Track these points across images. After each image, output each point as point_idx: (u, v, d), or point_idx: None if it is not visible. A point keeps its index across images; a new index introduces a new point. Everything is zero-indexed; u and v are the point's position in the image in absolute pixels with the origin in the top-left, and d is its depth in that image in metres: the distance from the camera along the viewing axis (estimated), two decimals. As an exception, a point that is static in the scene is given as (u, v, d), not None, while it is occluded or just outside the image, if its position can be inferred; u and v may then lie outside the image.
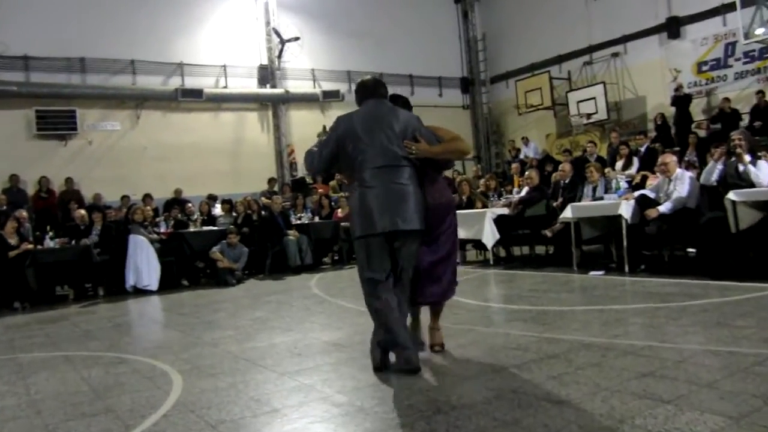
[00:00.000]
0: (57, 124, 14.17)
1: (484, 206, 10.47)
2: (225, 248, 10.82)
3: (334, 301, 7.69)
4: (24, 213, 10.97)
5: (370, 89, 4.48)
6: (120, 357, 5.49)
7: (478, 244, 10.34)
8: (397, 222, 4.21)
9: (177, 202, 14.38)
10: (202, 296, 9.45)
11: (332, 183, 15.83)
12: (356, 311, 6.66)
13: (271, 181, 15.84)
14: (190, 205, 12.99)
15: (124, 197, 14.16)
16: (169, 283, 10.63)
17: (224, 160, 16.30)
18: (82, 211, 11.43)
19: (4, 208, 12.67)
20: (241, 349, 5.33)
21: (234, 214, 12.47)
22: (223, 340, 5.79)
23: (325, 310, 7.10)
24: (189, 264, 11.13)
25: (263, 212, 12.60)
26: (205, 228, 11.77)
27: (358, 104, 4.50)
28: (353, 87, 5.59)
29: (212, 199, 14.20)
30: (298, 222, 12.43)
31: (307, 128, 16.84)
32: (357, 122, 4.34)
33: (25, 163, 13.99)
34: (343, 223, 11.94)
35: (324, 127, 4.96)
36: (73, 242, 10.50)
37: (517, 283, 7.91)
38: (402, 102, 4.68)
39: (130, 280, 10.32)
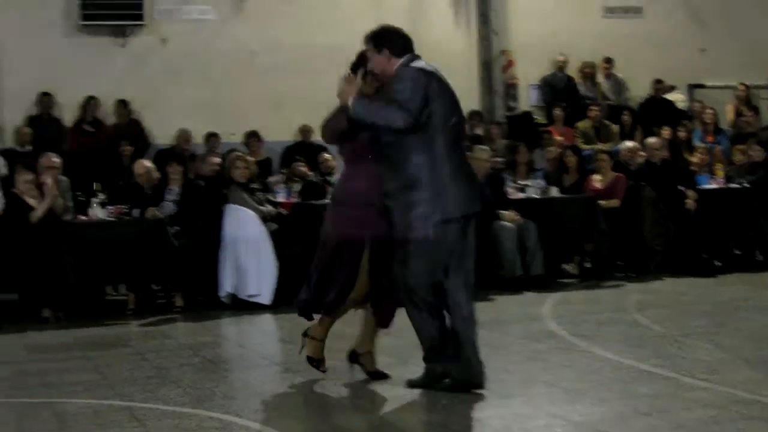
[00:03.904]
0: (113, 10, 15.17)
1: None
2: (388, 237, 11.07)
3: (587, 347, 7.72)
4: (55, 159, 11.65)
5: (410, 42, 6.53)
6: (216, 418, 5.82)
7: None
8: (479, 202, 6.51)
9: (306, 149, 14.90)
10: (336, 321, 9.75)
11: (581, 124, 15.80)
12: (632, 369, 6.69)
13: (473, 117, 15.99)
14: (328, 156, 13.39)
15: (212, 137, 14.92)
16: (290, 294, 10.99)
17: (388, 79, 16.60)
18: (147, 162, 12.13)
19: (29, 148, 13.81)
20: (423, 424, 5.58)
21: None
22: (384, 404, 6.08)
23: (570, 362, 7.16)
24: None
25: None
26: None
27: (394, 54, 6.43)
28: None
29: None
30: (520, 196, 12.50)
31: (541, 21, 16.89)
32: (443, 80, 6.41)
33: (62, 74, 15.09)
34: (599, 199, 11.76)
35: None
36: (136, 213, 11.23)
37: None
38: None
39: (227, 285, 10.90)
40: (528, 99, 17.48)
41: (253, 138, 15.02)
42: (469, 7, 17.37)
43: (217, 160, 12.49)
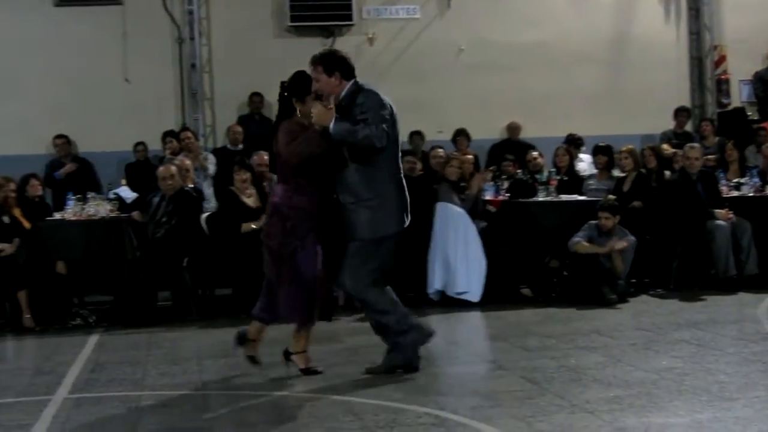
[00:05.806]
0: (322, 11, 15.56)
1: None
2: (595, 235, 11.01)
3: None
4: (266, 157, 11.93)
5: (354, 68, 7.16)
6: (431, 414, 5.92)
7: None
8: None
9: (513, 146, 14.93)
10: (547, 320, 9.83)
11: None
12: None
13: (681, 113, 15.78)
14: (535, 154, 13.36)
15: (415, 135, 15.08)
16: (499, 292, 11.12)
17: (596, 75, 16.50)
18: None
19: (240, 147, 14.25)
20: (642, 426, 5.47)
21: (617, 173, 12.58)
22: (605, 404, 5.98)
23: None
24: (533, 259, 11.54)
25: (668, 173, 12.49)
26: (564, 197, 12.05)
27: (344, 78, 7.07)
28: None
29: (575, 144, 14.46)
30: (734, 194, 12.20)
31: (754, 14, 16.48)
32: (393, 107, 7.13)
33: (271, 74, 15.42)
34: None
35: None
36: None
37: None
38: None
39: (436, 283, 10.98)
40: (740, 94, 17.06)
41: (461, 136, 15.05)
42: (680, 2, 17.06)
43: (409, 159, 12.61)
